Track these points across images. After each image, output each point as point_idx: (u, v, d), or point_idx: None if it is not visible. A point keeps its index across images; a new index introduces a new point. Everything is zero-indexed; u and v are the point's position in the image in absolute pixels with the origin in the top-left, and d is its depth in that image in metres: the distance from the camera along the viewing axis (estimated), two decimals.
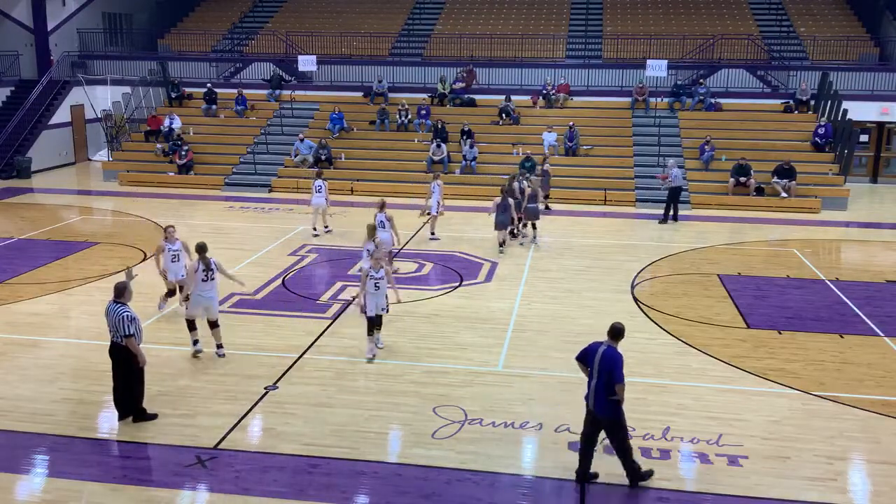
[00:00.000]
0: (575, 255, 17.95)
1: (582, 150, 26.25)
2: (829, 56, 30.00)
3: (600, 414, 8.22)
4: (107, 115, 30.59)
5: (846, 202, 23.71)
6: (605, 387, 8.11)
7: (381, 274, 11.52)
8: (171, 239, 13.10)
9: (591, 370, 8.25)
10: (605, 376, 8.10)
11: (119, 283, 9.70)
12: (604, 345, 8.25)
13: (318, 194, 19.46)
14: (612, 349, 8.21)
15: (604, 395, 8.14)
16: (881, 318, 13.92)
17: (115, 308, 9.48)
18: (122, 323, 9.36)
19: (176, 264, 13.15)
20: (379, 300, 11.63)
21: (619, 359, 8.16)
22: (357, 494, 8.28)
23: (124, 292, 9.60)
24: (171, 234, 13.15)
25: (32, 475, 8.59)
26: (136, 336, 9.46)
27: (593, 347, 8.34)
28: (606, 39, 32.02)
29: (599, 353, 8.20)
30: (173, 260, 13.12)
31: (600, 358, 8.16)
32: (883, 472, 8.83)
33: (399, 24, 34.69)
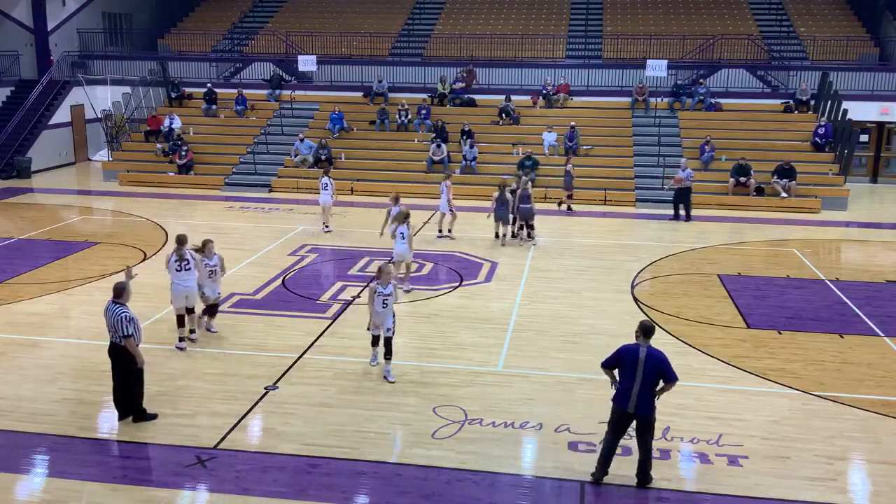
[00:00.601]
0: (575, 255, 17.95)
1: (582, 150, 26.25)
2: (829, 56, 30.00)
3: (643, 413, 8.24)
4: (107, 115, 30.59)
5: (846, 202, 23.71)
6: (652, 387, 8.20)
7: (389, 290, 10.77)
8: (208, 254, 12.11)
9: (634, 372, 8.20)
10: (652, 377, 8.17)
11: (118, 283, 9.71)
12: (643, 347, 8.26)
13: (325, 192, 19.75)
14: (654, 349, 8.28)
15: (649, 396, 8.20)
16: (881, 318, 13.92)
17: (113, 308, 9.48)
18: (120, 323, 9.36)
19: (213, 280, 12.25)
20: (386, 320, 10.82)
21: (666, 358, 8.27)
22: (357, 494, 8.28)
23: (123, 292, 9.60)
24: (210, 249, 12.13)
25: (32, 475, 8.59)
26: (134, 336, 9.46)
27: (631, 349, 8.29)
28: (606, 39, 32.02)
29: (642, 355, 8.20)
30: (210, 275, 12.18)
31: (646, 359, 8.17)
32: (883, 472, 8.83)
33: (399, 24, 34.69)
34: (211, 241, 12.18)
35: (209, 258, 12.10)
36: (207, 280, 12.14)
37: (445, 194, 19.15)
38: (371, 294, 10.90)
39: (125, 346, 9.44)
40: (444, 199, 19.12)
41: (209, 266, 12.12)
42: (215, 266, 12.21)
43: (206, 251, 12.06)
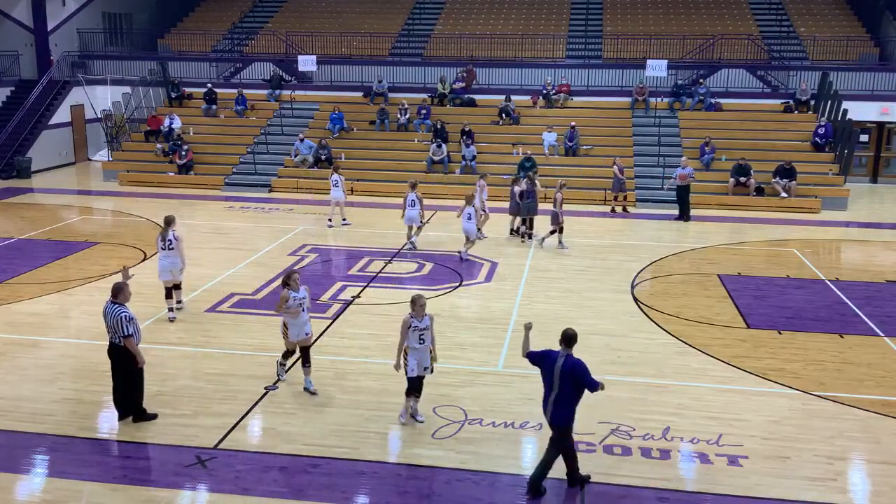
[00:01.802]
0: (575, 255, 17.95)
1: (582, 150, 26.25)
2: (829, 56, 30.01)
3: (556, 422, 8.07)
4: (107, 115, 30.59)
5: (846, 202, 23.72)
6: (570, 397, 7.99)
7: (425, 323, 9.55)
8: (294, 286, 10.40)
9: (551, 381, 8.04)
10: (569, 387, 7.94)
11: (116, 283, 9.72)
12: (561, 355, 8.07)
13: (336, 188, 20.09)
14: (573, 358, 8.04)
15: (563, 406, 8.00)
16: (881, 318, 13.92)
17: (112, 308, 9.48)
18: (120, 324, 9.36)
19: (299, 319, 10.45)
20: (423, 356, 9.70)
21: (583, 366, 8.00)
22: (357, 494, 8.28)
23: (121, 292, 9.59)
24: (296, 281, 10.48)
25: (32, 475, 8.59)
26: (134, 336, 9.46)
27: (551, 356, 8.13)
28: (606, 39, 32.02)
29: (559, 364, 8.01)
30: (297, 312, 10.42)
31: (561, 368, 7.97)
32: (883, 472, 8.83)
33: (399, 24, 34.69)
34: (297, 273, 10.55)
35: (296, 291, 10.35)
36: (293, 320, 10.35)
37: (479, 194, 19.08)
38: (404, 328, 9.52)
39: (125, 346, 9.42)
40: (478, 199, 19.01)
41: (297, 300, 10.30)
42: (303, 300, 10.38)
43: (293, 283, 10.35)
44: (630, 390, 10.73)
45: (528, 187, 18.85)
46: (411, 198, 18.14)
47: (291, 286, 10.36)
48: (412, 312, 9.51)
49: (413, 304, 9.52)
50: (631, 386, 10.88)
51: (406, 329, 9.52)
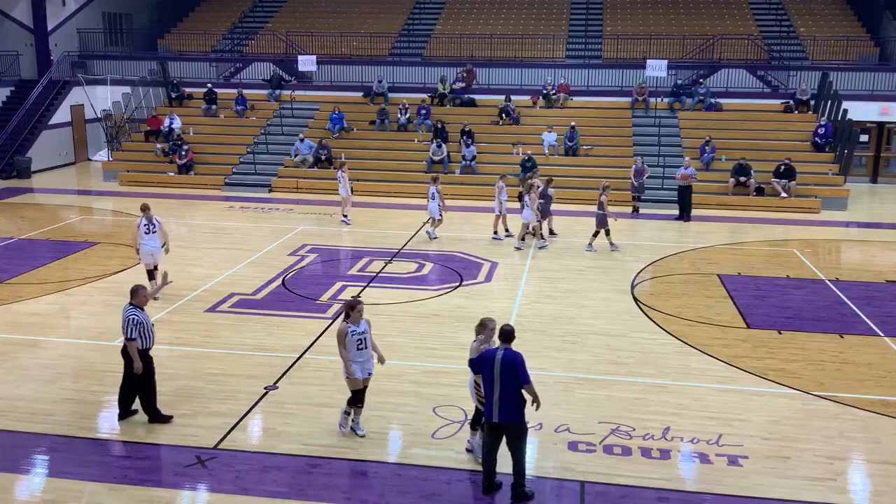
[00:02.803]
0: (575, 255, 17.95)
1: (582, 150, 26.25)
2: (829, 56, 30.01)
3: (505, 420, 7.93)
4: (107, 115, 30.59)
5: (846, 202, 23.72)
6: (514, 391, 7.87)
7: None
8: (356, 319, 9.19)
9: (492, 378, 7.94)
10: (510, 380, 7.85)
11: (135, 285, 9.71)
12: (500, 350, 8.01)
13: (341, 185, 20.51)
14: (510, 351, 7.96)
15: (509, 401, 7.88)
16: (881, 318, 13.92)
17: (126, 310, 9.53)
18: (126, 325, 9.38)
19: (362, 355, 9.26)
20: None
21: (521, 359, 7.91)
22: (357, 494, 8.27)
23: (136, 294, 9.58)
24: (360, 313, 9.22)
25: (32, 475, 8.59)
26: (139, 340, 9.41)
27: (488, 354, 8.06)
28: (606, 39, 32.02)
29: (497, 358, 7.93)
30: (358, 346, 9.20)
31: (501, 362, 7.89)
32: (883, 472, 8.83)
33: (399, 24, 34.70)
34: (361, 303, 9.25)
35: (356, 325, 9.21)
36: (355, 353, 9.19)
37: (499, 195, 18.95)
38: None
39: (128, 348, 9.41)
40: (499, 201, 18.94)
41: (356, 335, 9.16)
42: (364, 334, 9.23)
43: (354, 316, 9.17)
44: (630, 390, 10.73)
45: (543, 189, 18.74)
46: (431, 191, 18.87)
47: (352, 319, 9.17)
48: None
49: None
50: (631, 386, 10.88)
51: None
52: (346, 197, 20.82)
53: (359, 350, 9.19)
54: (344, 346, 9.12)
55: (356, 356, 9.18)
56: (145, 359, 9.53)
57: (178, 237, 19.20)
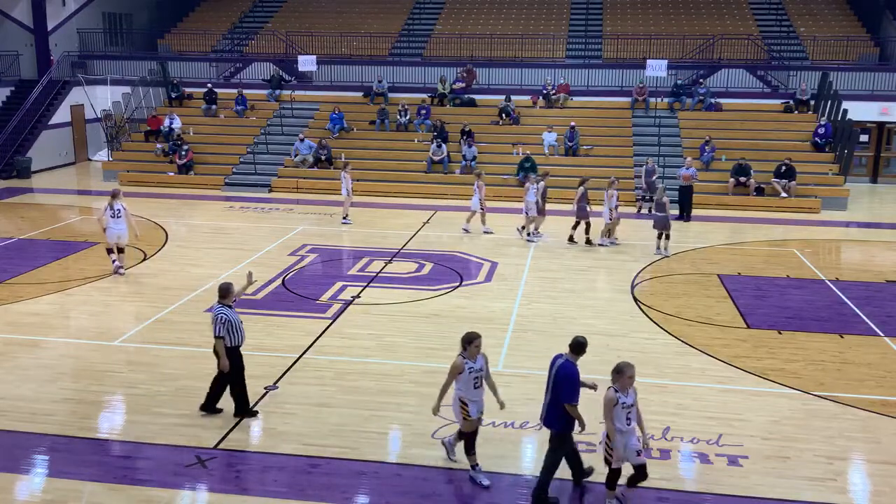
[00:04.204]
0: (575, 255, 17.95)
1: (582, 150, 26.25)
2: (829, 56, 30.01)
3: (548, 425, 8.03)
4: (107, 115, 30.59)
5: (846, 202, 23.72)
6: (557, 401, 7.90)
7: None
8: (473, 353, 8.43)
9: (547, 383, 8.04)
10: (556, 390, 7.89)
11: (223, 284, 9.72)
12: (560, 359, 8.01)
13: (344, 185, 20.70)
14: (568, 364, 7.90)
15: (554, 409, 7.92)
16: (881, 318, 13.92)
17: (215, 308, 9.60)
18: (215, 323, 9.46)
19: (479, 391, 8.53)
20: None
21: (571, 376, 7.79)
22: (357, 494, 8.27)
23: (227, 293, 9.63)
24: (478, 347, 8.41)
25: (32, 475, 8.59)
26: (228, 338, 9.46)
27: (553, 360, 8.09)
28: (606, 39, 32.02)
29: (556, 366, 7.97)
30: (475, 385, 8.47)
31: (555, 373, 7.93)
32: (883, 472, 8.83)
33: (399, 24, 34.69)
34: (479, 337, 8.37)
35: (472, 360, 8.41)
36: (472, 392, 8.42)
37: (533, 195, 18.87)
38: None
39: (215, 346, 9.50)
40: (532, 201, 18.86)
41: (473, 371, 8.38)
42: (481, 371, 8.46)
43: (472, 349, 8.34)
44: None
45: None
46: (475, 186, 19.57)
47: (468, 353, 8.33)
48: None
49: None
50: None
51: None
52: (346, 197, 20.81)
53: (476, 389, 8.34)
54: (458, 383, 8.29)
55: (473, 395, 8.32)
56: (235, 356, 9.63)
57: (178, 237, 19.23)
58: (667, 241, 17.88)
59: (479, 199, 19.58)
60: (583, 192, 18.60)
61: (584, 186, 18.76)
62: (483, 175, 20.35)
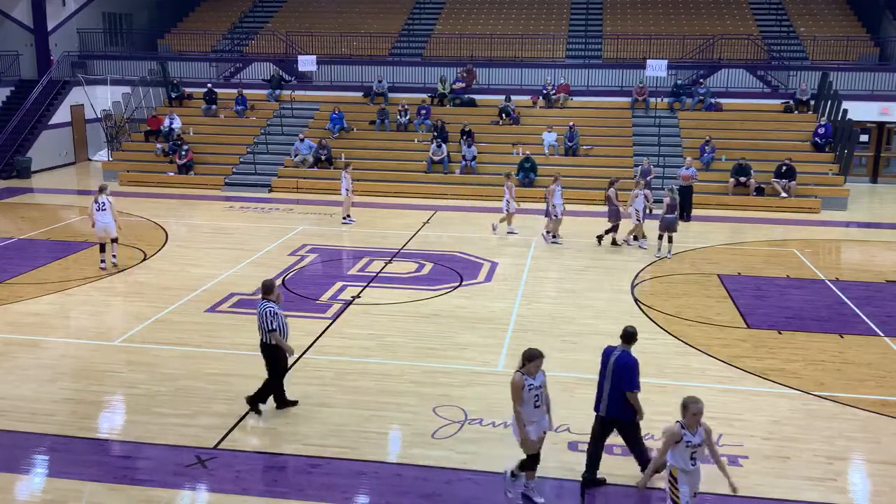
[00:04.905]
0: (575, 255, 17.95)
1: (582, 150, 26.25)
2: (829, 56, 30.01)
3: (614, 415, 8.26)
4: (107, 115, 30.59)
5: (846, 202, 23.71)
6: (617, 391, 8.16)
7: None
8: (533, 370, 7.84)
9: (604, 374, 8.27)
10: (617, 379, 8.15)
11: (267, 281, 9.86)
12: (616, 350, 8.30)
13: (344, 185, 20.72)
14: (626, 354, 8.21)
15: (615, 398, 8.18)
16: (881, 318, 13.92)
17: (261, 304, 9.68)
18: (265, 317, 9.55)
19: (539, 410, 7.97)
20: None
21: (632, 365, 8.13)
22: (357, 494, 8.27)
23: (272, 290, 9.77)
24: (537, 366, 7.89)
25: (32, 475, 8.59)
26: (278, 331, 9.61)
27: (606, 351, 8.38)
28: (606, 39, 32.02)
29: (613, 357, 8.24)
30: (535, 403, 7.90)
31: (614, 363, 8.19)
32: (883, 472, 8.83)
33: (399, 24, 34.69)
34: (541, 357, 7.85)
35: (532, 377, 7.87)
36: (531, 411, 7.88)
37: (560, 197, 18.75)
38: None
39: (270, 338, 9.62)
40: (553, 202, 18.76)
41: (533, 389, 7.84)
42: (541, 389, 7.93)
43: (532, 366, 7.81)
44: None
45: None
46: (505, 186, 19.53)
47: (527, 369, 7.82)
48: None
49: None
50: None
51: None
52: (345, 197, 20.82)
53: (536, 407, 7.86)
54: (520, 401, 7.79)
55: (532, 414, 7.85)
56: (279, 351, 9.73)
57: (178, 237, 19.23)
58: (669, 243, 17.85)
59: (508, 200, 19.42)
60: (614, 193, 18.44)
61: (615, 188, 18.64)
62: (512, 176, 20.22)
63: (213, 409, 10.06)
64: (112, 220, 16.06)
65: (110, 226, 16.06)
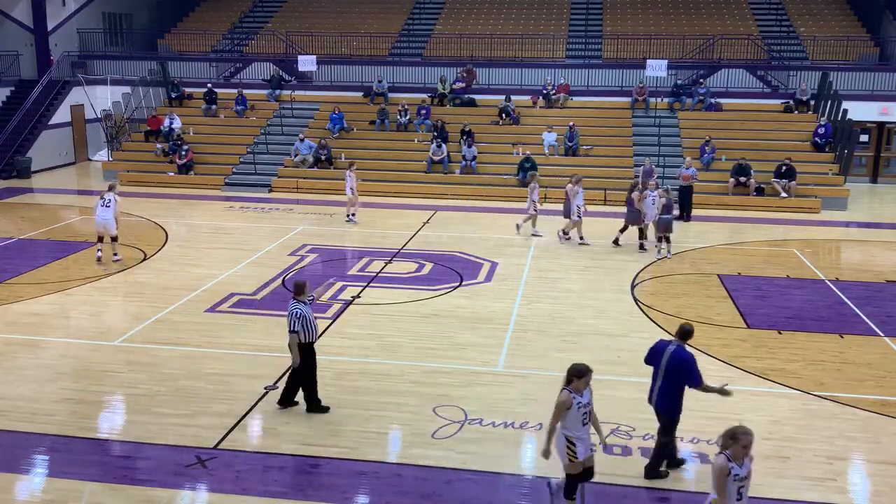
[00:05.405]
0: (575, 255, 17.95)
1: (582, 150, 26.25)
2: (829, 56, 30.01)
3: (660, 408, 8.41)
4: (107, 115, 30.59)
5: (846, 202, 23.71)
6: (674, 387, 8.27)
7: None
8: (580, 386, 7.49)
9: (658, 368, 8.35)
10: (673, 376, 8.24)
11: (297, 280, 9.87)
12: (671, 345, 8.35)
13: (348, 185, 20.77)
14: (682, 350, 8.28)
15: (667, 392, 8.29)
16: (881, 318, 13.92)
17: (291, 304, 9.71)
18: (289, 318, 9.58)
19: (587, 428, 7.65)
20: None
21: (690, 361, 8.21)
22: (357, 494, 8.28)
23: (302, 290, 9.78)
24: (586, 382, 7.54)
25: (32, 475, 8.59)
26: (300, 334, 9.59)
27: (661, 345, 8.44)
28: (606, 39, 32.02)
29: (668, 352, 8.30)
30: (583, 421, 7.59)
31: (669, 358, 8.26)
32: (883, 472, 8.83)
33: (399, 24, 34.69)
34: (590, 373, 7.50)
35: (579, 394, 7.49)
36: (580, 429, 7.54)
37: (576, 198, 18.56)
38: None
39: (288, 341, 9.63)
40: (576, 204, 18.59)
41: (581, 406, 7.49)
42: (588, 406, 7.54)
43: (580, 382, 7.44)
44: (630, 390, 10.71)
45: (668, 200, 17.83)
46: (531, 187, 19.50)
47: (574, 386, 7.45)
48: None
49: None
50: (631, 386, 10.87)
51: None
52: (350, 197, 20.80)
53: (584, 425, 7.52)
54: (564, 419, 7.45)
55: (581, 432, 7.50)
56: (309, 352, 9.76)
57: (178, 237, 19.22)
58: (668, 243, 17.82)
59: (533, 201, 19.30)
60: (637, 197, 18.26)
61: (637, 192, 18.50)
62: (538, 177, 20.07)
63: (213, 409, 10.06)
64: (112, 218, 16.38)
65: (110, 223, 16.40)
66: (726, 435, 6.42)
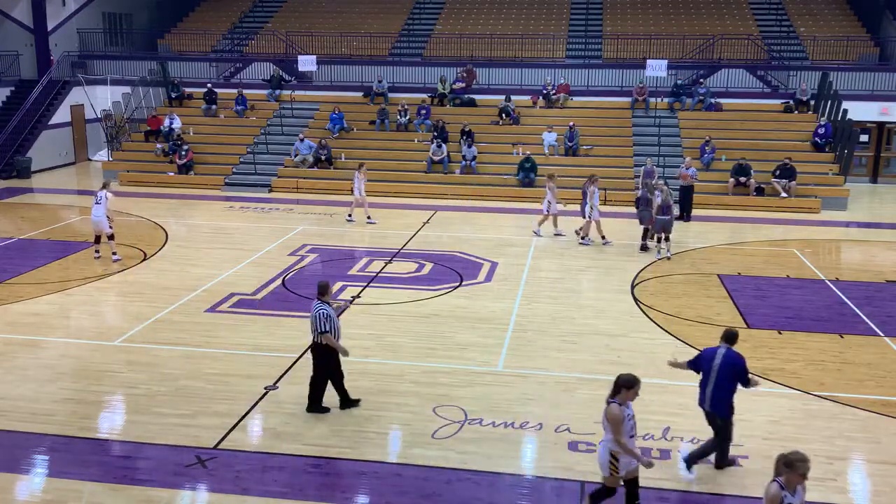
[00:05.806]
0: (575, 255, 17.95)
1: (582, 150, 26.25)
2: (829, 56, 30.01)
3: (715, 410, 8.52)
4: (107, 115, 30.59)
5: (846, 202, 23.71)
6: (726, 388, 8.43)
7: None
8: (628, 398, 7.38)
9: (709, 372, 8.48)
10: (727, 379, 8.42)
11: (321, 281, 9.91)
12: (721, 349, 8.56)
13: (356, 186, 20.77)
14: (733, 352, 8.50)
15: (720, 395, 8.44)
16: (881, 318, 13.92)
17: (316, 306, 9.72)
18: (318, 320, 9.59)
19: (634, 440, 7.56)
20: None
21: (740, 362, 8.46)
22: (357, 494, 8.28)
23: (326, 291, 9.83)
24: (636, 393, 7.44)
25: (32, 475, 8.59)
26: (331, 332, 9.64)
27: (710, 351, 8.62)
28: (606, 39, 32.02)
29: (718, 355, 8.50)
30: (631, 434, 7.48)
31: (721, 360, 8.46)
32: (883, 472, 8.83)
33: (399, 24, 34.69)
34: (639, 383, 7.39)
35: (626, 406, 7.37)
36: (629, 440, 7.38)
37: (592, 199, 18.54)
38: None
39: (323, 341, 9.65)
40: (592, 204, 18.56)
41: (631, 419, 7.38)
42: (634, 418, 7.43)
43: (630, 394, 7.32)
44: None
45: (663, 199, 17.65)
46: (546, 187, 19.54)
47: (622, 397, 7.31)
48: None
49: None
50: None
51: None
52: (357, 198, 20.75)
53: (631, 437, 7.38)
54: (622, 433, 7.25)
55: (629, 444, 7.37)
56: (330, 351, 9.76)
57: (178, 237, 19.23)
58: (667, 242, 17.79)
59: (549, 202, 19.29)
60: None
61: None
62: (555, 177, 19.93)
63: (213, 409, 10.06)
64: (104, 216, 16.42)
65: (102, 221, 16.47)
66: (781, 461, 6.06)
